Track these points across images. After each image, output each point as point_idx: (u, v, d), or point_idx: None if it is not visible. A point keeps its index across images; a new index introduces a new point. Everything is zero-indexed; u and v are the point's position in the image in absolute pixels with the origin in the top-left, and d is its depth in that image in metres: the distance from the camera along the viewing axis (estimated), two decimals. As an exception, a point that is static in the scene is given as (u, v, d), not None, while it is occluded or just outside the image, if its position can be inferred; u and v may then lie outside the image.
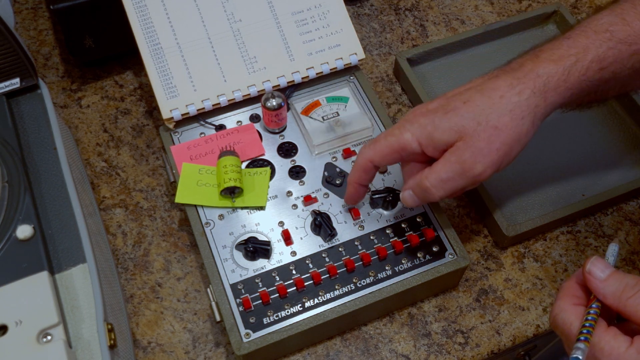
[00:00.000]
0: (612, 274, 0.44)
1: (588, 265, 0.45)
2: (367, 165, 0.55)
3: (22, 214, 0.54)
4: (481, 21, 0.81)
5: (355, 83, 0.68)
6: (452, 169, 0.51)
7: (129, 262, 0.63)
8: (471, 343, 0.60)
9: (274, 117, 0.63)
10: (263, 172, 0.62)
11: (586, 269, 0.45)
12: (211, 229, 0.59)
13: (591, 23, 0.53)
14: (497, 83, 0.52)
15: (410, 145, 0.52)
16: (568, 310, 0.45)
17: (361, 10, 0.82)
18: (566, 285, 0.47)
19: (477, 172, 0.51)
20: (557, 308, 0.45)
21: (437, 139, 0.51)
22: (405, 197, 0.55)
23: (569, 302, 0.45)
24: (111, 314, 0.52)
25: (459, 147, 0.51)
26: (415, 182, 0.54)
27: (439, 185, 0.52)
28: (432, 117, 0.52)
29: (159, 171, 0.69)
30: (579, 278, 0.46)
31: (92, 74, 0.76)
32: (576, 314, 0.44)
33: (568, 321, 0.44)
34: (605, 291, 0.43)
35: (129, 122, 0.72)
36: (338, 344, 0.59)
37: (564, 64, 0.51)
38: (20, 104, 0.61)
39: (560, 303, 0.45)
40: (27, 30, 0.79)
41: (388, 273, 0.57)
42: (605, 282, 0.44)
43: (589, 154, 0.70)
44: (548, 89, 0.51)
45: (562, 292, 0.46)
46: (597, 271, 0.44)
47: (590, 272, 0.44)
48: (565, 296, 0.46)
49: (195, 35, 0.65)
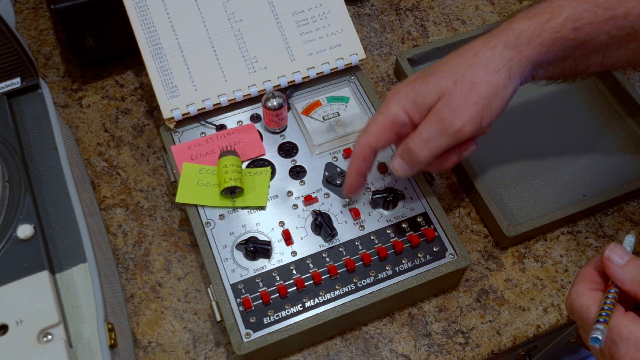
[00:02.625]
0: (631, 260, 0.44)
1: (607, 251, 0.45)
2: (365, 152, 0.55)
3: (22, 214, 0.54)
4: (482, 21, 0.81)
5: (355, 83, 0.68)
6: (432, 127, 0.52)
7: (130, 261, 0.63)
8: (471, 343, 0.60)
9: (275, 117, 0.63)
10: (264, 172, 0.62)
11: (605, 255, 0.45)
12: (212, 229, 0.59)
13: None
14: (472, 44, 0.53)
15: (398, 116, 0.53)
16: (586, 294, 0.45)
17: (362, 10, 0.82)
18: (584, 271, 0.47)
19: (456, 127, 0.51)
20: (574, 292, 0.45)
21: (419, 103, 0.53)
22: (395, 166, 0.55)
23: (586, 287, 0.45)
24: (112, 314, 0.52)
25: (438, 107, 0.52)
26: (401, 148, 0.54)
27: (422, 145, 0.53)
28: (413, 85, 0.53)
29: (160, 171, 0.69)
30: (597, 264, 0.46)
31: (93, 73, 0.76)
32: (594, 298, 0.44)
33: (585, 305, 0.44)
34: (624, 277, 0.44)
35: (130, 122, 0.72)
36: (338, 344, 0.59)
37: (538, 20, 0.52)
38: (21, 104, 0.61)
39: (578, 288, 0.46)
40: (28, 30, 0.79)
41: (388, 273, 0.57)
42: (623, 268, 0.44)
43: (590, 154, 0.70)
44: (521, 42, 0.51)
45: (580, 278, 0.46)
46: (616, 257, 0.44)
47: (609, 258, 0.45)
48: (583, 281, 0.46)
49: (196, 35, 0.65)
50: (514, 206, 0.66)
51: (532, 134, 0.71)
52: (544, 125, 0.71)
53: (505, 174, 0.68)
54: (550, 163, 0.69)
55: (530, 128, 0.71)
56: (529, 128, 0.71)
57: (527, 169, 0.68)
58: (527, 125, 0.71)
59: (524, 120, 0.72)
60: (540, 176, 0.68)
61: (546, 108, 0.72)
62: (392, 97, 0.54)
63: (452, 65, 0.53)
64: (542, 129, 0.71)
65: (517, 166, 0.68)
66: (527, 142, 0.70)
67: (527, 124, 0.71)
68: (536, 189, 0.67)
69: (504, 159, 0.69)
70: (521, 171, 0.68)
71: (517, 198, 0.66)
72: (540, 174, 0.68)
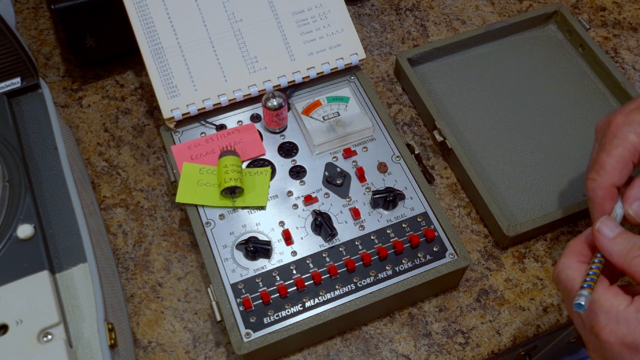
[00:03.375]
0: (621, 233, 0.44)
1: (598, 223, 0.45)
2: (612, 192, 0.49)
3: (22, 214, 0.54)
4: (482, 21, 0.81)
5: (355, 83, 0.68)
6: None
7: (130, 261, 0.63)
8: (471, 343, 0.60)
9: (275, 117, 0.63)
10: (264, 172, 0.62)
11: (596, 227, 0.45)
12: (212, 229, 0.59)
13: None
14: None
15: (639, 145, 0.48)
16: (573, 266, 0.45)
17: (362, 10, 0.82)
18: (573, 244, 0.47)
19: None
20: (561, 264, 0.46)
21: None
22: (637, 210, 0.48)
23: (574, 259, 0.45)
24: (112, 314, 0.52)
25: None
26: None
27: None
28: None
29: (160, 171, 0.69)
30: (588, 238, 0.46)
31: (93, 73, 0.76)
32: (580, 270, 0.44)
33: (572, 277, 0.44)
34: (613, 249, 0.44)
35: (130, 122, 0.72)
36: (338, 344, 0.59)
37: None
38: (21, 104, 0.61)
39: (565, 260, 0.46)
40: (28, 30, 0.79)
41: (388, 273, 0.57)
42: (613, 240, 0.44)
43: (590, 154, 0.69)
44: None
45: (568, 250, 0.46)
46: (607, 229, 0.45)
47: (599, 230, 0.45)
48: (571, 254, 0.46)
49: (196, 35, 0.65)
50: (514, 206, 0.66)
51: (532, 134, 0.71)
52: (544, 126, 0.71)
53: (505, 174, 0.68)
54: (550, 163, 0.69)
55: (530, 128, 0.71)
56: (529, 128, 0.71)
57: (527, 169, 0.68)
58: (528, 125, 0.71)
59: (525, 120, 0.72)
60: (540, 176, 0.68)
61: (547, 109, 0.73)
62: (624, 125, 0.49)
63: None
64: (542, 129, 0.71)
65: (517, 166, 0.68)
66: (528, 142, 0.70)
67: (528, 125, 0.71)
68: (536, 189, 0.67)
69: (504, 158, 0.69)
70: (521, 171, 0.68)
71: (517, 198, 0.66)
72: (540, 174, 0.68)
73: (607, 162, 0.49)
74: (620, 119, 0.49)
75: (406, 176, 0.62)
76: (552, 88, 0.74)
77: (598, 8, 0.83)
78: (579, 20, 0.76)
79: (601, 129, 0.52)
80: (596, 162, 0.50)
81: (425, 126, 0.72)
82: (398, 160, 0.63)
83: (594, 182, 0.49)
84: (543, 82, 0.74)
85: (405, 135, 0.72)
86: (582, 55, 0.76)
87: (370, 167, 0.62)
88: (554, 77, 0.75)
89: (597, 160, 0.50)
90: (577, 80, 0.75)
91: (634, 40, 0.80)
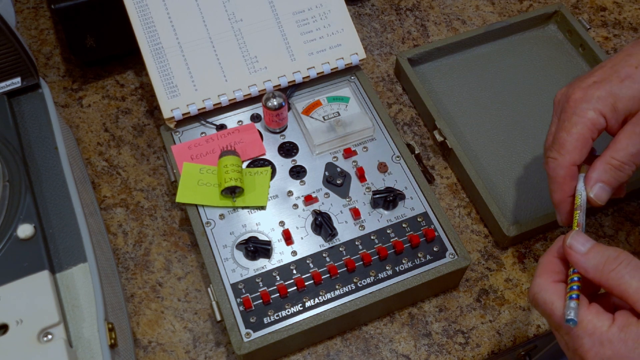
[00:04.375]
0: (593, 247, 0.43)
1: (569, 239, 0.44)
2: (572, 172, 0.49)
3: (23, 213, 0.54)
4: (482, 21, 0.81)
5: (356, 83, 0.68)
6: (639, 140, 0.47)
7: (130, 261, 0.63)
8: (472, 343, 0.60)
9: (275, 116, 0.63)
10: (264, 172, 0.62)
11: (567, 244, 0.44)
12: (212, 229, 0.59)
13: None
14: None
15: (599, 122, 0.48)
16: (549, 289, 0.44)
17: (362, 10, 0.82)
18: (544, 261, 0.46)
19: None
20: (536, 286, 0.44)
21: (620, 108, 0.47)
22: (598, 194, 0.48)
23: (548, 279, 0.44)
24: (112, 313, 0.52)
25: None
26: (601, 169, 0.48)
27: (630, 160, 0.47)
28: (607, 88, 0.48)
29: (160, 171, 0.69)
30: (559, 252, 0.45)
31: (93, 73, 0.76)
32: (557, 292, 0.43)
33: (549, 300, 0.43)
34: (587, 265, 0.43)
35: (130, 122, 0.72)
36: (338, 343, 0.59)
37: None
38: (21, 104, 0.61)
39: (540, 281, 0.45)
40: (28, 30, 0.79)
41: (389, 273, 0.57)
42: (586, 255, 0.43)
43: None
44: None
45: (541, 269, 0.45)
46: (578, 245, 0.44)
47: (571, 246, 0.44)
48: (544, 273, 0.45)
49: (197, 35, 0.65)
50: (513, 206, 0.66)
51: (533, 134, 0.71)
52: (545, 126, 0.71)
53: (505, 174, 0.68)
54: (550, 163, 0.69)
55: (531, 128, 0.71)
56: (530, 128, 0.71)
57: (528, 169, 0.68)
58: (528, 125, 0.71)
59: (525, 120, 0.72)
60: (540, 176, 0.68)
61: (547, 109, 0.72)
62: (583, 103, 0.48)
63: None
64: (543, 129, 0.71)
65: (517, 166, 0.68)
66: (528, 142, 0.70)
67: (528, 124, 0.71)
68: (536, 189, 0.67)
69: (504, 158, 0.69)
70: (521, 171, 0.68)
71: (517, 198, 0.66)
72: (540, 174, 0.68)
73: (567, 140, 0.48)
74: (579, 95, 0.49)
75: (406, 176, 0.62)
76: (552, 88, 0.74)
77: (598, 8, 0.83)
78: (579, 20, 0.76)
79: (559, 102, 0.51)
80: (556, 141, 0.49)
81: (425, 126, 0.72)
82: (398, 160, 0.63)
83: (555, 161, 0.49)
84: (543, 82, 0.74)
85: (405, 135, 0.72)
86: (582, 56, 0.76)
87: (371, 167, 0.62)
88: (555, 77, 0.75)
89: (557, 139, 0.49)
90: (577, 80, 0.75)
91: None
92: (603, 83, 0.48)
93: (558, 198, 0.50)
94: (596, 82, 0.49)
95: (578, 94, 0.49)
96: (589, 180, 0.48)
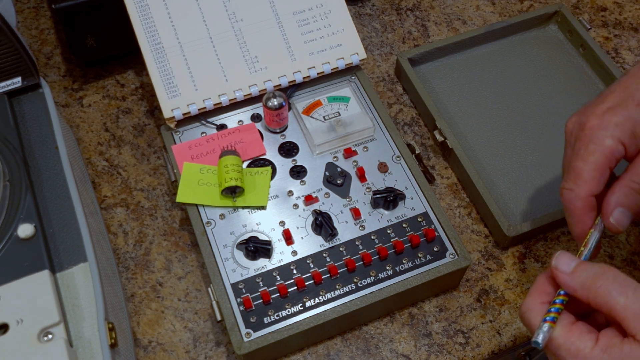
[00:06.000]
0: (578, 265, 0.43)
1: (554, 260, 0.44)
2: (590, 202, 0.46)
3: (23, 213, 0.54)
4: (483, 21, 0.81)
5: (356, 83, 0.68)
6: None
7: (130, 261, 0.63)
8: (472, 343, 0.60)
9: (275, 116, 0.63)
10: (264, 172, 0.62)
11: (552, 265, 0.44)
12: (212, 229, 0.59)
13: None
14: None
15: (617, 150, 0.45)
16: (535, 309, 0.44)
17: (363, 10, 0.82)
18: (539, 280, 0.46)
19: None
20: (524, 305, 0.45)
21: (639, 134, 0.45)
22: (618, 217, 0.46)
23: (537, 299, 0.44)
24: (112, 313, 0.52)
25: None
26: (621, 193, 0.46)
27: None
28: (625, 113, 0.46)
29: (160, 170, 0.69)
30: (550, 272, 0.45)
31: (94, 73, 0.76)
32: (542, 313, 0.43)
33: (535, 321, 0.43)
34: (574, 284, 0.42)
35: (130, 122, 0.72)
36: (339, 343, 0.59)
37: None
38: (21, 103, 0.61)
39: (529, 300, 0.45)
40: (28, 30, 0.79)
41: (389, 273, 0.57)
42: (572, 275, 0.43)
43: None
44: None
45: (533, 288, 0.45)
46: (563, 265, 0.43)
47: (556, 267, 0.43)
48: (535, 293, 0.45)
49: (197, 35, 0.65)
50: (514, 206, 0.66)
51: (533, 134, 0.70)
52: (545, 126, 0.71)
53: (505, 174, 0.68)
54: (551, 163, 0.69)
55: (531, 128, 0.71)
56: (530, 128, 0.71)
57: (528, 169, 0.68)
58: (529, 125, 0.71)
59: (525, 120, 0.72)
60: (540, 176, 0.68)
61: (548, 109, 0.72)
62: (599, 129, 0.46)
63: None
64: (543, 129, 0.71)
65: (517, 166, 0.68)
66: (528, 142, 0.70)
67: (528, 125, 0.71)
68: (536, 189, 0.67)
69: (505, 158, 0.69)
70: (522, 171, 0.68)
71: (517, 198, 0.66)
72: (540, 174, 0.68)
73: (583, 170, 0.46)
74: (595, 122, 0.46)
75: (406, 176, 0.62)
76: (552, 88, 0.74)
77: (599, 8, 0.83)
78: (580, 20, 0.76)
79: (572, 131, 0.49)
80: (572, 170, 0.47)
81: (425, 126, 0.72)
82: (398, 160, 0.63)
83: (571, 192, 0.47)
84: (544, 82, 0.74)
85: (405, 135, 0.72)
86: (582, 56, 0.76)
87: (371, 167, 0.62)
88: (555, 78, 0.75)
89: (573, 168, 0.46)
90: (577, 80, 0.75)
91: (634, 41, 0.80)
92: (619, 108, 0.46)
93: (578, 232, 0.48)
94: (611, 107, 0.46)
95: (594, 121, 0.46)
96: (608, 205, 0.46)
